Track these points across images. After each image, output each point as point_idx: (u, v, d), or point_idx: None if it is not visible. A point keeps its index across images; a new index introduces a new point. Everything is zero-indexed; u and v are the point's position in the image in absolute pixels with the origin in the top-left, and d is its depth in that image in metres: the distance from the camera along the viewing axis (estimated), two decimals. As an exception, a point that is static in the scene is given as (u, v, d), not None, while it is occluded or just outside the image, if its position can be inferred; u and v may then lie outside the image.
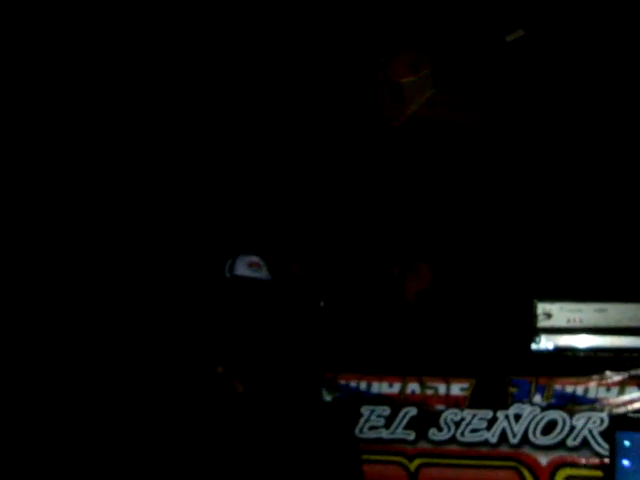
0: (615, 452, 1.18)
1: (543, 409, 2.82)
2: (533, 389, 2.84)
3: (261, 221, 4.91)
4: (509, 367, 2.84)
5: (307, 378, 2.32)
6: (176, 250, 4.77)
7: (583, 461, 2.74)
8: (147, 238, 4.91)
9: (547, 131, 4.63)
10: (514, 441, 2.78)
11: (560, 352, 2.93)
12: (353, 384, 2.88)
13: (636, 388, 2.76)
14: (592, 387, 2.80)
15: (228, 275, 3.27)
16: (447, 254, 4.25)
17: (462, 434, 2.83)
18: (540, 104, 4.59)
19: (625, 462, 1.19)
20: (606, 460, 2.63)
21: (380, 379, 2.88)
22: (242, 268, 3.21)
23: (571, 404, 2.81)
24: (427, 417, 2.86)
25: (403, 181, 5.10)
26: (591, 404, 2.79)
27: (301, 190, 5.06)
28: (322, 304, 3.03)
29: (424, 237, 4.59)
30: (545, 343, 2.95)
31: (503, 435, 2.80)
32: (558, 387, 2.83)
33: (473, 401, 2.84)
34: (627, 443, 1.19)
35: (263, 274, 3.23)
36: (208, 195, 5.05)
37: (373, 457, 2.85)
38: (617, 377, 2.79)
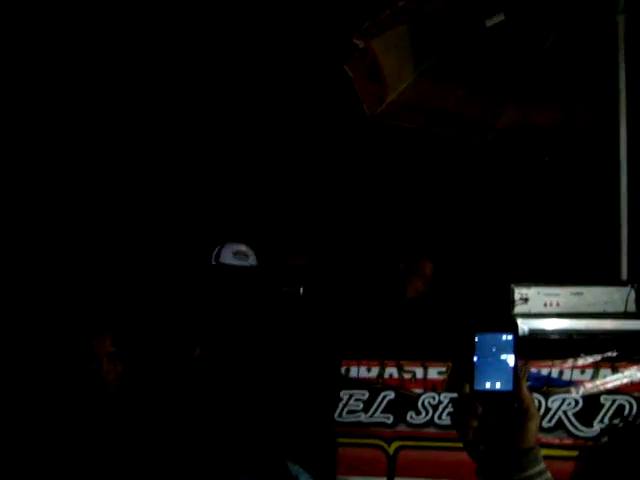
0: (474, 350, 1.31)
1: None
2: (509, 372, 2.88)
3: (260, 212, 4.94)
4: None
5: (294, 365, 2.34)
6: (171, 239, 4.81)
7: (557, 442, 2.79)
8: (140, 228, 4.95)
9: (528, 115, 4.65)
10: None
11: (536, 335, 2.98)
12: (333, 369, 2.92)
13: (609, 370, 2.81)
14: (567, 370, 2.85)
15: (214, 262, 3.30)
16: (425, 240, 4.29)
17: (439, 417, 2.87)
18: (522, 88, 4.61)
19: (478, 358, 1.31)
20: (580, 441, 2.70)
21: (358, 364, 2.92)
22: (228, 256, 3.24)
23: (546, 386, 2.85)
24: (405, 401, 2.90)
25: (385, 170, 5.13)
26: (566, 386, 2.84)
27: (296, 181, 5.09)
28: (301, 291, 3.06)
29: (401, 225, 4.63)
30: (521, 327, 2.99)
31: (479, 417, 2.84)
32: (534, 370, 2.87)
33: (450, 384, 2.88)
34: (481, 341, 1.32)
35: (250, 263, 3.25)
36: (203, 187, 5.09)
37: (352, 440, 2.89)
38: (591, 359, 2.83)
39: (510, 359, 1.29)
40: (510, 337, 1.29)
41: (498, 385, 1.28)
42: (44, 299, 4.35)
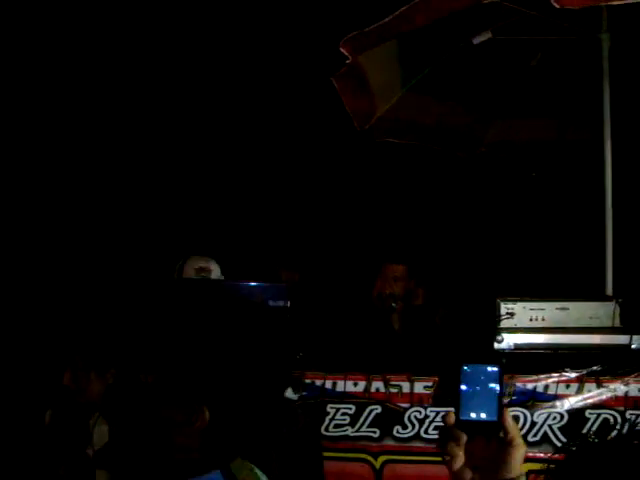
0: (460, 380, 1.37)
1: (505, 406, 2.87)
2: (495, 386, 2.89)
3: (250, 224, 4.94)
4: (463, 360, 2.89)
5: (261, 379, 2.32)
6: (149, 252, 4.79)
7: (543, 456, 2.81)
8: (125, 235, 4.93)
9: (516, 132, 4.69)
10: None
11: (521, 350, 2.99)
12: (318, 383, 2.93)
13: (594, 384, 2.83)
14: (552, 384, 2.87)
15: (175, 276, 3.25)
16: (413, 254, 4.30)
17: (426, 431, 2.88)
18: (510, 104, 4.66)
19: (464, 388, 1.37)
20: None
21: (345, 378, 2.93)
22: (189, 271, 3.19)
23: (532, 400, 2.87)
24: (392, 415, 2.91)
25: (374, 181, 5.16)
26: (551, 400, 2.86)
27: (287, 192, 5.10)
28: (287, 304, 3.07)
29: (392, 238, 4.65)
30: (507, 341, 3.01)
31: (465, 432, 2.85)
32: (519, 384, 2.89)
33: (437, 399, 2.90)
34: (468, 372, 1.37)
35: (213, 276, 3.20)
36: (189, 198, 5.09)
37: (339, 454, 2.90)
38: (576, 374, 2.86)
39: (495, 390, 1.34)
40: (496, 369, 1.35)
41: (483, 415, 1.32)
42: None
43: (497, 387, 1.33)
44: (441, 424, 1.35)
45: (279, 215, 5.11)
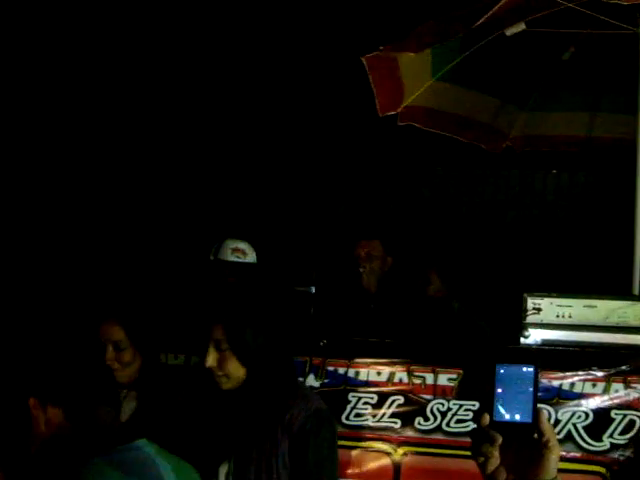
0: (495, 381, 1.34)
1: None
2: (520, 382, 2.85)
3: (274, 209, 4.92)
4: (497, 359, 2.86)
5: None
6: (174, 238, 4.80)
7: (566, 454, 2.77)
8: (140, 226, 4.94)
9: (544, 126, 4.63)
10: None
11: (548, 346, 2.95)
12: (341, 370, 2.89)
13: (621, 385, 2.78)
14: (578, 382, 2.82)
15: (212, 258, 3.27)
16: (440, 248, 4.26)
17: (448, 424, 2.84)
18: (539, 98, 4.60)
19: (499, 390, 1.34)
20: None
21: (368, 366, 2.89)
22: (226, 253, 3.22)
23: (557, 398, 2.83)
24: (414, 406, 2.87)
25: (397, 174, 5.11)
26: (576, 399, 2.81)
27: (300, 180, 5.07)
28: (313, 290, 3.04)
29: (417, 231, 4.60)
30: (533, 337, 2.97)
31: (488, 426, 2.81)
32: (544, 381, 2.84)
33: (460, 392, 2.86)
34: (502, 372, 1.34)
35: (248, 259, 3.23)
36: (209, 186, 5.08)
37: (359, 444, 2.87)
38: (603, 373, 2.81)
39: (530, 391, 1.31)
40: (531, 369, 1.33)
41: (518, 417, 1.30)
42: (53, 289, 4.33)
43: (532, 388, 1.31)
44: (463, 417, 1.33)
45: (300, 201, 5.09)
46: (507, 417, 1.29)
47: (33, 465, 1.65)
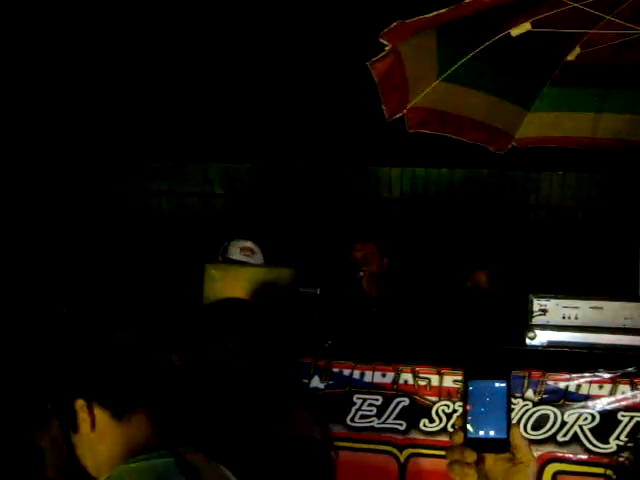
0: (467, 398, 1.34)
1: (535, 404, 2.83)
2: (526, 384, 2.84)
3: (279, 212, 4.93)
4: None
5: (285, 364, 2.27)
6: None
7: (572, 457, 2.76)
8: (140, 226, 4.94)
9: (549, 128, 4.61)
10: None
11: (554, 348, 2.94)
12: (346, 372, 2.89)
13: (628, 386, 2.77)
14: (584, 384, 2.81)
15: (220, 259, 3.27)
16: (445, 247, 4.26)
17: (453, 426, 2.83)
18: (544, 99, 4.58)
19: (472, 406, 1.33)
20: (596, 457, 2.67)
21: (373, 368, 2.88)
22: (234, 252, 3.21)
23: (563, 400, 2.81)
24: (419, 408, 2.86)
25: (405, 172, 5.10)
26: (583, 401, 2.80)
27: (304, 181, 5.08)
28: (318, 292, 3.03)
29: (422, 230, 4.59)
30: (540, 338, 2.96)
31: (494, 428, 2.80)
32: (551, 383, 2.83)
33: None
34: (474, 388, 1.33)
35: (256, 260, 3.23)
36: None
37: (364, 446, 2.86)
38: (609, 375, 2.79)
39: (504, 406, 1.30)
40: (503, 384, 1.31)
41: (492, 433, 1.29)
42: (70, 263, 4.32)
43: (505, 403, 1.30)
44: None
45: (304, 203, 5.09)
46: (481, 433, 1.29)
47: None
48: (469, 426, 1.29)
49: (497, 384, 1.30)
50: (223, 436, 2.08)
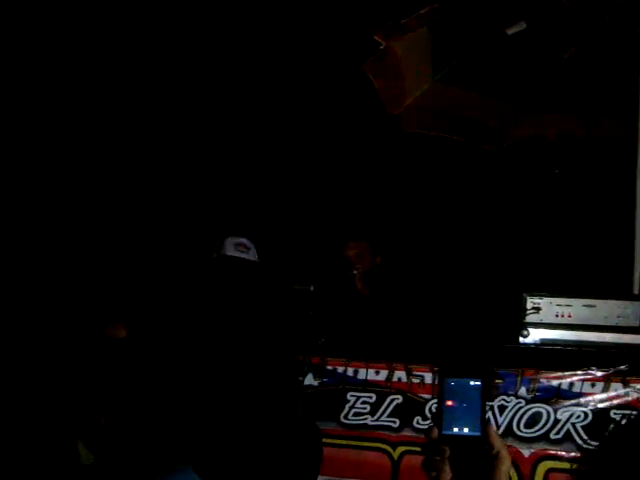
0: (443, 394, 1.36)
1: (528, 402, 2.84)
2: (519, 382, 2.85)
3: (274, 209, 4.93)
4: (496, 359, 2.86)
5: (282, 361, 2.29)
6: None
7: (565, 454, 2.76)
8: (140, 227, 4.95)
9: (544, 125, 4.63)
10: (498, 432, 2.78)
11: (547, 346, 2.95)
12: (340, 370, 2.89)
13: (620, 384, 2.78)
14: (577, 382, 2.82)
15: (215, 256, 3.27)
16: (439, 246, 4.26)
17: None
18: (540, 98, 4.59)
19: (447, 403, 1.35)
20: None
21: (367, 366, 2.89)
22: (229, 248, 3.21)
23: (556, 398, 2.82)
24: (412, 405, 2.87)
25: (399, 172, 5.11)
26: (575, 398, 2.81)
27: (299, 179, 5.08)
28: (311, 289, 3.04)
29: (415, 229, 4.60)
30: (533, 336, 2.97)
31: (487, 426, 2.81)
32: (544, 380, 2.84)
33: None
34: (450, 386, 1.35)
35: (250, 255, 3.23)
36: (210, 185, 5.09)
37: (357, 443, 2.86)
38: (602, 373, 2.80)
39: (478, 404, 1.32)
40: (479, 382, 1.33)
41: (466, 430, 1.31)
42: (58, 289, 4.33)
43: (480, 401, 1.32)
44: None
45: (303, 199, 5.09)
46: (456, 430, 1.31)
47: None
48: (444, 423, 1.31)
49: (472, 382, 1.32)
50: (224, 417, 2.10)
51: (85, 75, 5.06)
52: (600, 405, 2.77)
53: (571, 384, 2.82)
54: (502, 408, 2.82)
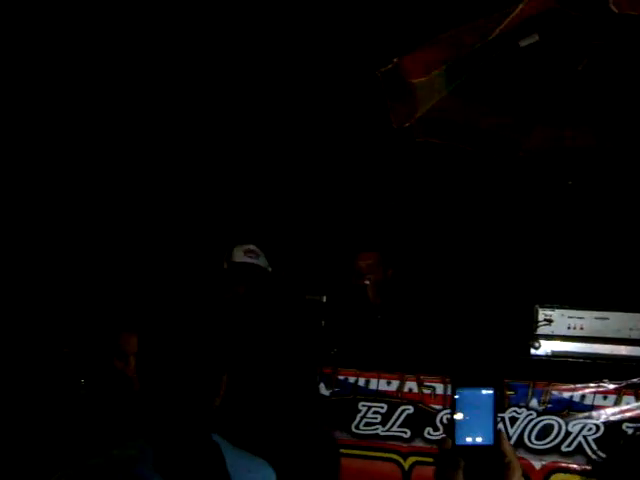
0: (455, 405, 1.37)
1: (539, 414, 2.84)
2: (530, 393, 2.85)
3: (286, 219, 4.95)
4: (507, 370, 2.86)
5: (299, 371, 2.31)
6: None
7: (576, 467, 2.76)
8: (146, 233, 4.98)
9: (557, 137, 4.62)
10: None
11: (559, 358, 2.95)
12: (351, 380, 2.91)
13: (632, 397, 2.77)
14: (589, 394, 2.82)
15: (226, 265, 3.29)
16: (451, 257, 4.26)
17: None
18: (553, 110, 4.59)
19: (459, 413, 1.36)
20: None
21: (378, 376, 2.90)
22: (239, 255, 3.24)
23: (567, 410, 2.82)
24: (423, 416, 2.87)
25: (408, 181, 5.13)
26: (587, 411, 2.81)
27: (308, 187, 5.10)
28: (324, 299, 3.06)
29: (428, 240, 4.60)
30: (544, 348, 2.97)
31: (498, 437, 2.81)
32: (555, 392, 2.84)
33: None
34: (462, 396, 1.36)
35: (261, 261, 3.25)
36: (220, 193, 5.12)
37: (368, 453, 2.87)
38: (614, 385, 2.80)
39: (491, 413, 1.33)
40: (490, 392, 1.33)
41: (479, 439, 1.32)
42: (71, 298, 4.36)
43: (492, 410, 1.32)
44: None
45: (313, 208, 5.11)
46: (469, 440, 1.31)
47: None
48: (457, 433, 1.31)
49: (484, 391, 1.32)
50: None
51: (88, 77, 5.09)
52: (612, 418, 2.77)
53: (583, 396, 2.82)
54: (513, 420, 2.82)
